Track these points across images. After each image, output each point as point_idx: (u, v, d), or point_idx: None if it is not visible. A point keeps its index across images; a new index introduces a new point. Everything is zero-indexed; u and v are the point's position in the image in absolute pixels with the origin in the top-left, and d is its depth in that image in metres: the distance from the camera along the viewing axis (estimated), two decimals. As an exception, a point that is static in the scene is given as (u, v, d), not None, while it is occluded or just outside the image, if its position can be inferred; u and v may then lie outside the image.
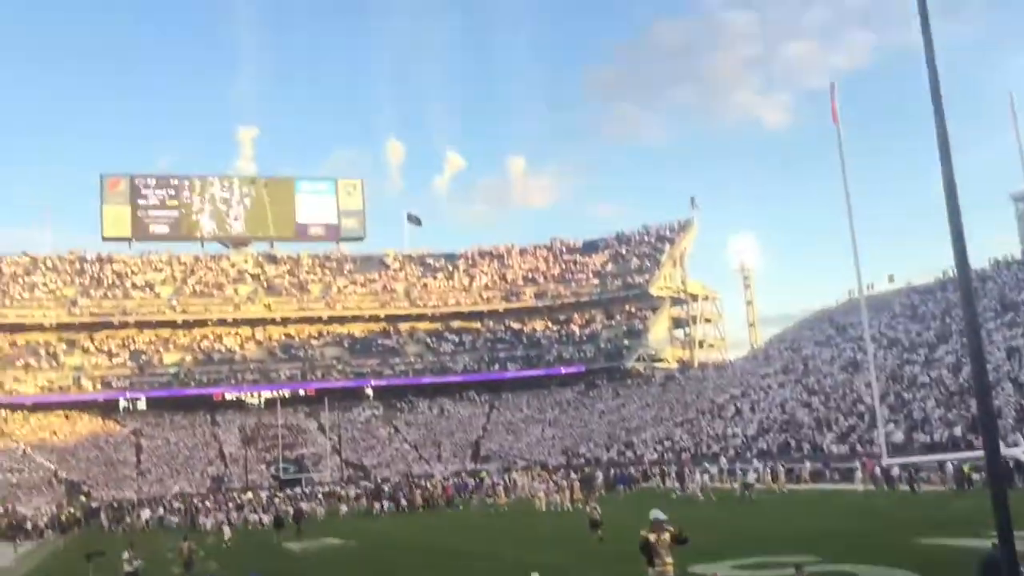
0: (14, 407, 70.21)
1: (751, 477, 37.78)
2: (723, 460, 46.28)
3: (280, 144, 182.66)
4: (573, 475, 48.10)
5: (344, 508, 47.80)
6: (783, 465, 40.36)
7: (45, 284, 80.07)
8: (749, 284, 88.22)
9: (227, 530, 35.54)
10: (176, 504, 53.12)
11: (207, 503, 51.59)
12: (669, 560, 12.40)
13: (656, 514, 12.55)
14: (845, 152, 13.58)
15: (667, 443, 56.29)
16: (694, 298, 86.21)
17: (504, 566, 20.62)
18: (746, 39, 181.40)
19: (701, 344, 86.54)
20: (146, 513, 48.61)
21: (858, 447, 40.81)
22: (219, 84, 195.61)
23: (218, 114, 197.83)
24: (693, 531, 13.58)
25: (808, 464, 41.14)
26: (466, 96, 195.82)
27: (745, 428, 51.54)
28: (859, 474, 37.00)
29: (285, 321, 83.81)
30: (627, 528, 16.10)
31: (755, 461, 43.94)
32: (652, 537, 12.39)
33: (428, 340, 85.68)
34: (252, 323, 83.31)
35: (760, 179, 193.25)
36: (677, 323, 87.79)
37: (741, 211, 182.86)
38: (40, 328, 76.71)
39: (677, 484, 42.57)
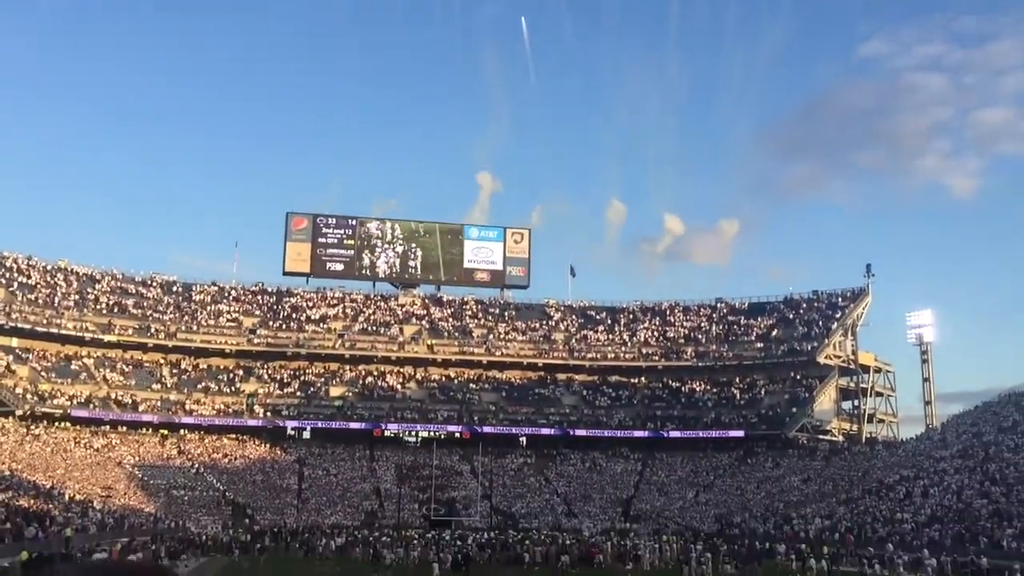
0: (192, 427, 74.62)
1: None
2: (889, 547, 43.49)
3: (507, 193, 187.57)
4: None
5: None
6: (957, 557, 37.56)
7: (229, 313, 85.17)
8: (927, 359, 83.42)
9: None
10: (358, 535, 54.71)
11: (384, 538, 52.19)
12: None
13: None
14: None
15: (828, 521, 53.50)
16: (865, 369, 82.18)
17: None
18: (936, 103, 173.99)
19: (871, 418, 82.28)
20: (335, 542, 50.00)
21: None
22: (458, 132, 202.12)
23: (459, 162, 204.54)
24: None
25: (985, 560, 37.97)
26: (640, 153, 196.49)
27: (916, 514, 48.35)
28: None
29: (446, 363, 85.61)
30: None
31: (925, 551, 41.07)
32: None
33: (584, 392, 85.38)
34: (415, 363, 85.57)
35: (943, 249, 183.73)
36: (845, 394, 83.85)
37: (920, 281, 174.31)
38: (221, 354, 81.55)
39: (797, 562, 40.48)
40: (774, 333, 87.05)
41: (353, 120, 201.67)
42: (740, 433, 77.52)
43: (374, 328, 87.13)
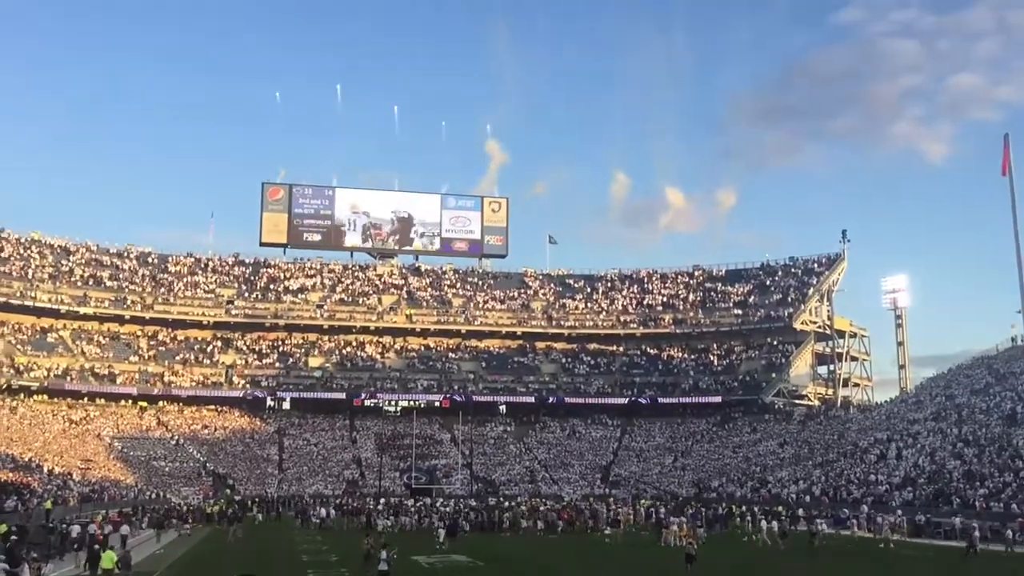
0: (171, 399, 74.42)
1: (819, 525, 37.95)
2: (863, 508, 44.24)
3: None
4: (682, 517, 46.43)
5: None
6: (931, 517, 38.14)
7: (206, 284, 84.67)
8: (901, 324, 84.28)
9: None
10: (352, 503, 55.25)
11: (378, 507, 52.34)
12: None
13: None
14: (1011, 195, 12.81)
15: (804, 484, 54.31)
16: (840, 335, 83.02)
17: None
18: (910, 68, 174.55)
19: (846, 383, 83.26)
20: (322, 512, 50.17)
21: (1013, 506, 38.27)
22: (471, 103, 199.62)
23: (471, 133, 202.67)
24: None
25: (958, 520, 38.58)
26: (607, 118, 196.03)
27: (890, 475, 49.14)
28: (1009, 534, 34.56)
29: (425, 333, 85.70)
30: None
31: (898, 512, 41.84)
32: None
33: (563, 360, 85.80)
34: (393, 332, 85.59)
35: (917, 214, 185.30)
36: (821, 360, 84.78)
37: (895, 246, 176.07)
38: (199, 326, 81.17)
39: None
40: (751, 299, 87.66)
41: (351, 90, 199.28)
42: (718, 399, 78.33)
43: (352, 298, 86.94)
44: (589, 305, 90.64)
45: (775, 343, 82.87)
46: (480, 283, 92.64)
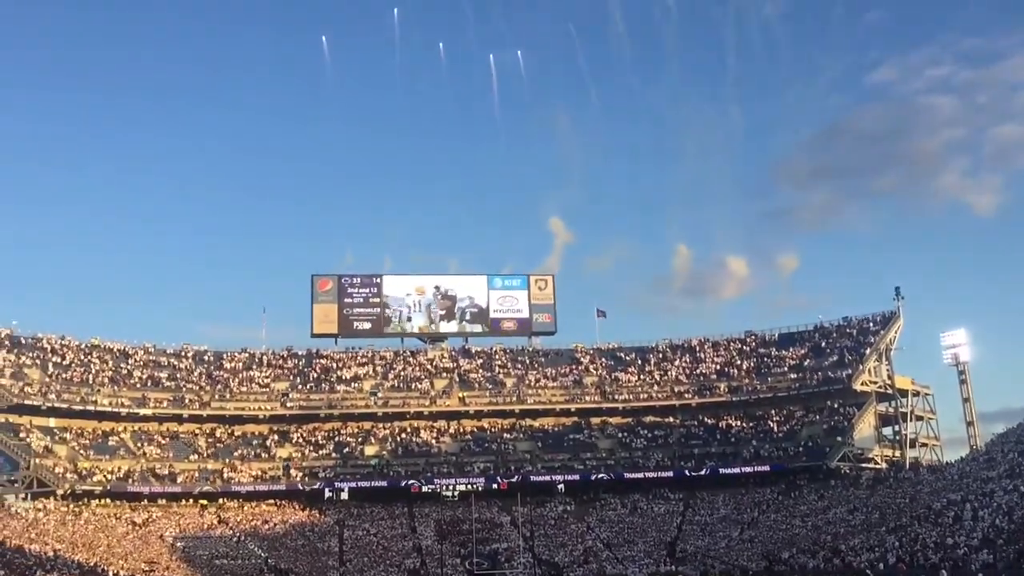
0: (231, 496, 74.70)
1: None
2: (943, 573, 42.57)
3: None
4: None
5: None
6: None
7: (260, 379, 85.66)
8: (965, 379, 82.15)
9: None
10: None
11: None
12: None
13: None
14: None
15: (878, 551, 52.46)
16: (903, 394, 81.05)
17: None
18: (950, 123, 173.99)
19: (913, 443, 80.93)
20: None
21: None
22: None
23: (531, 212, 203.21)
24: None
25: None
26: (651, 186, 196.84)
27: (968, 537, 47.34)
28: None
29: (479, 415, 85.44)
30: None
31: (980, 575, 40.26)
32: None
33: (620, 435, 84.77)
34: (447, 416, 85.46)
35: (970, 266, 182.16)
36: (884, 421, 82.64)
37: (951, 301, 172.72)
38: (255, 420, 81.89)
39: None
40: (807, 363, 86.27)
41: (393, 176, 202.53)
42: (780, 467, 76.53)
43: (405, 384, 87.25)
44: (642, 377, 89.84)
45: (835, 406, 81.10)
46: (531, 361, 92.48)
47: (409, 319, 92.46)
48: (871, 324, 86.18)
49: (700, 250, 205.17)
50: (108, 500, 70.48)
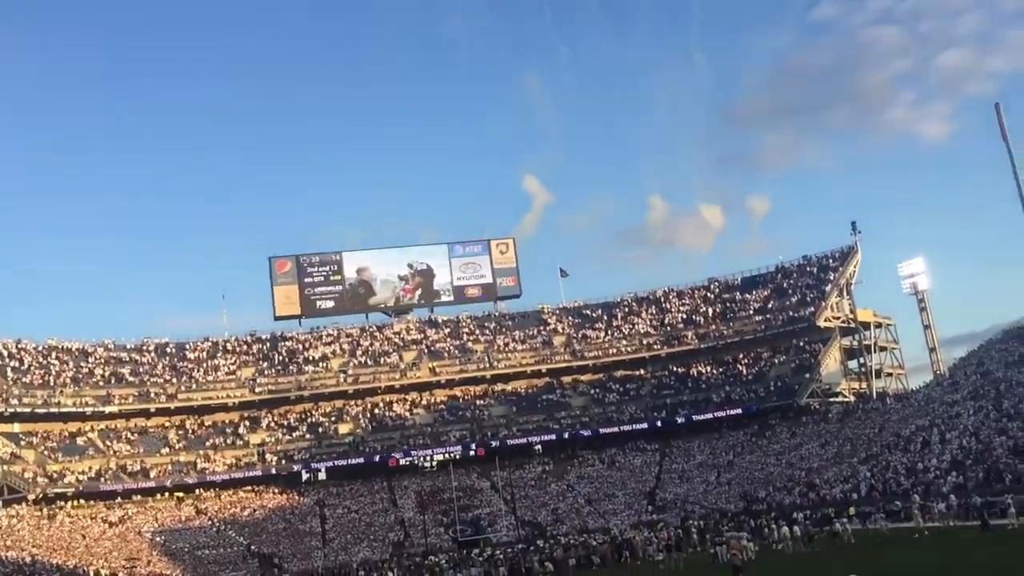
0: (207, 486, 74.06)
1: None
2: (915, 497, 43.27)
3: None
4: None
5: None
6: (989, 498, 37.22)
7: (226, 366, 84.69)
8: (925, 307, 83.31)
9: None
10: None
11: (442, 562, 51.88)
12: None
13: None
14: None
15: (851, 482, 53.27)
16: (866, 326, 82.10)
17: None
18: (896, 53, 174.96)
19: (879, 374, 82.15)
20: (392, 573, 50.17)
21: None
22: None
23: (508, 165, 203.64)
24: None
25: (1010, 499, 37.43)
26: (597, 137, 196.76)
27: (938, 461, 48.15)
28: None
29: (450, 384, 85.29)
30: None
31: (952, 497, 40.93)
32: None
33: (592, 392, 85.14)
34: (419, 388, 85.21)
35: (924, 195, 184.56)
36: (850, 354, 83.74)
37: (907, 231, 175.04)
38: (224, 408, 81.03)
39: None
40: (770, 304, 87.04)
41: (384, 147, 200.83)
42: (752, 408, 77.39)
43: (374, 360, 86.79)
44: (610, 332, 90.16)
45: (801, 344, 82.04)
46: (498, 326, 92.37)
47: (373, 294, 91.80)
48: (830, 261, 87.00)
49: (674, 201, 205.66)
50: (82, 501, 69.46)
